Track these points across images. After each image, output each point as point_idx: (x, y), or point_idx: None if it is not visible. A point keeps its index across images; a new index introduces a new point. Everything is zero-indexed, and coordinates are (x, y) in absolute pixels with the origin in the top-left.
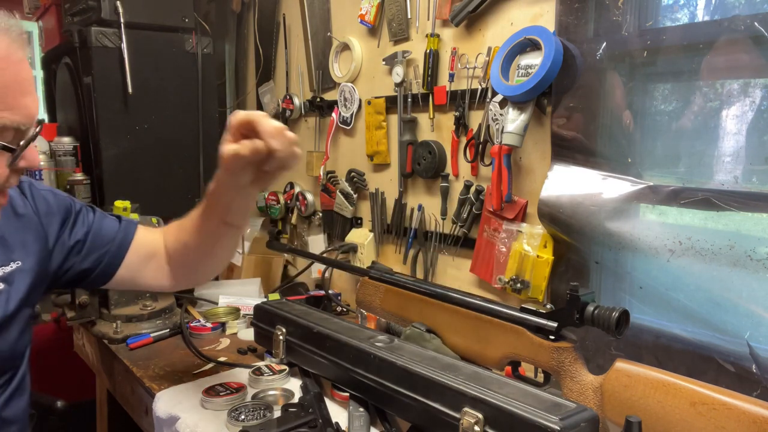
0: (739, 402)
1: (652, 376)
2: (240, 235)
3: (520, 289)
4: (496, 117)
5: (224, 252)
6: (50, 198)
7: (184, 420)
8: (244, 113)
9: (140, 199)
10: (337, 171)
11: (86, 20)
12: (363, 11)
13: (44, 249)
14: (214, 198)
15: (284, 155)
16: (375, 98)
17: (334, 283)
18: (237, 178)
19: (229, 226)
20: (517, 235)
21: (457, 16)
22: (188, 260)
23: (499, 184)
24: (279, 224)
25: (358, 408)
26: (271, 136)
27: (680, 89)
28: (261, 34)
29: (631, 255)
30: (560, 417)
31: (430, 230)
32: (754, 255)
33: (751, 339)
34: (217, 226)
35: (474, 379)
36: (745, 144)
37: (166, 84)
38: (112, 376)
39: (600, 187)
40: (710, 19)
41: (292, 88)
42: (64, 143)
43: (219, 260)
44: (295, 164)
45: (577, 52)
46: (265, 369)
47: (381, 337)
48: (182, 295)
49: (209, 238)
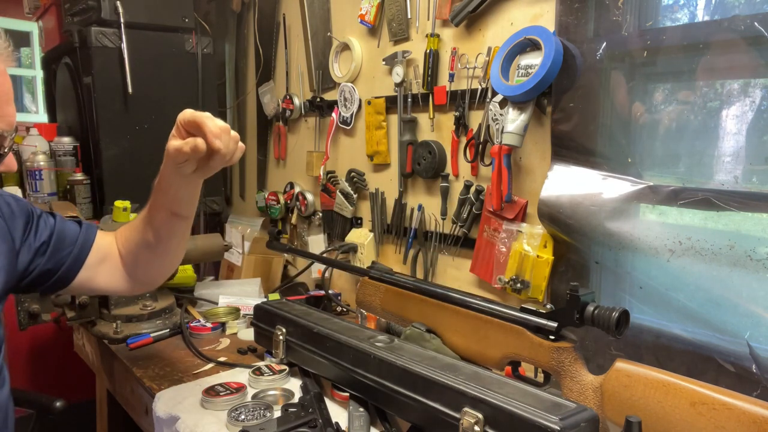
0: (739, 402)
1: (652, 376)
2: (189, 226)
3: (520, 289)
4: (496, 117)
5: (176, 246)
6: (12, 202)
7: (184, 420)
8: (191, 112)
9: (140, 199)
10: (337, 171)
11: (86, 20)
12: (363, 11)
13: (12, 250)
14: (161, 190)
15: (227, 152)
16: (375, 98)
17: (334, 283)
18: (180, 169)
19: (178, 217)
20: (517, 235)
21: (457, 16)
22: (141, 259)
23: (499, 184)
24: (279, 224)
25: (358, 408)
26: (215, 136)
27: (680, 89)
28: (261, 34)
29: (631, 255)
30: (560, 417)
31: (430, 230)
32: (754, 255)
33: (751, 339)
34: (166, 219)
35: (474, 379)
36: (745, 144)
37: (166, 84)
38: (112, 376)
39: (600, 187)
40: (710, 19)
41: (292, 88)
42: (64, 143)
43: (172, 256)
44: (238, 158)
45: (577, 52)
46: (265, 369)
47: (381, 337)
48: (182, 295)
49: (159, 232)
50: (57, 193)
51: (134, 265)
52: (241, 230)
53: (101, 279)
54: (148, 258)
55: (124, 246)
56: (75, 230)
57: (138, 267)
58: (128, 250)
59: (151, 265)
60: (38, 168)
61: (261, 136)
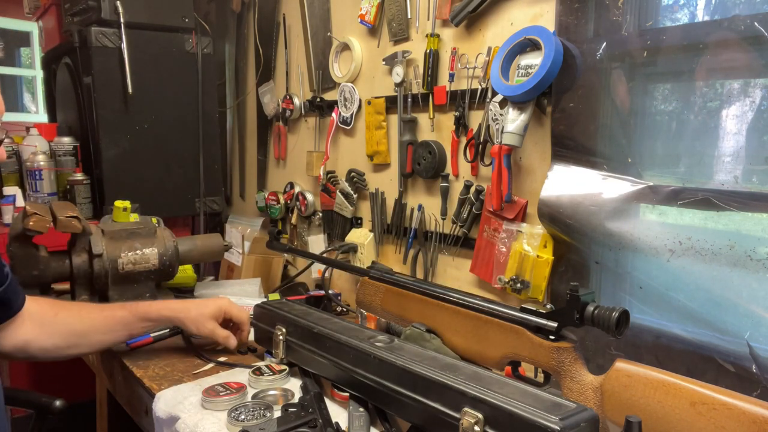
0: (739, 402)
1: (652, 376)
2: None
3: (520, 289)
4: (496, 117)
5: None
6: None
7: (184, 420)
8: (240, 312)
9: (140, 199)
10: (337, 171)
11: (86, 20)
12: (363, 11)
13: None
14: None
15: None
16: (375, 98)
17: (334, 283)
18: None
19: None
20: (517, 235)
21: (457, 16)
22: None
23: (499, 184)
24: (279, 224)
25: (358, 408)
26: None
27: (680, 89)
28: (261, 34)
29: (631, 255)
30: (560, 417)
31: (430, 230)
32: (754, 255)
33: (751, 339)
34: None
35: (474, 379)
36: (745, 144)
37: (166, 84)
38: (112, 376)
39: (600, 187)
40: (710, 19)
41: (292, 88)
42: (64, 143)
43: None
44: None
45: (577, 52)
46: (265, 369)
47: (381, 337)
48: (182, 295)
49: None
50: (57, 193)
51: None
52: (241, 230)
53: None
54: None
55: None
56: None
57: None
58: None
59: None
60: (38, 168)
61: (261, 136)
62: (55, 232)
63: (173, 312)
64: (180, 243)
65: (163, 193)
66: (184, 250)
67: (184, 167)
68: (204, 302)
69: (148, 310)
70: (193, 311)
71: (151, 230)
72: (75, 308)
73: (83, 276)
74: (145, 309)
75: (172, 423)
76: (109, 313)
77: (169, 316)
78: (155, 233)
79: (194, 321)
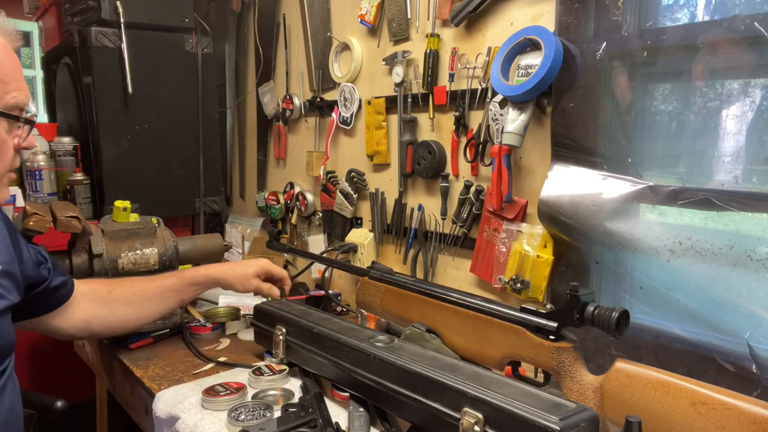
0: (739, 402)
1: (652, 376)
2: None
3: (520, 289)
4: (496, 117)
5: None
6: (5, 217)
7: (184, 420)
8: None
9: (140, 199)
10: (337, 171)
11: (86, 20)
12: (363, 11)
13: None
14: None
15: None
16: (375, 98)
17: (334, 283)
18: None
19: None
20: (517, 235)
21: (457, 16)
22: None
23: (499, 184)
24: (279, 224)
25: (358, 408)
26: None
27: (680, 89)
28: (261, 34)
29: (631, 255)
30: (560, 417)
31: (430, 230)
32: (754, 255)
33: (751, 339)
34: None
35: (474, 379)
36: (745, 144)
37: (166, 84)
38: (112, 376)
39: (600, 187)
40: (710, 19)
41: (292, 88)
42: (64, 143)
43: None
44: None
45: (577, 52)
46: (265, 369)
47: (381, 337)
48: None
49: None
50: (57, 193)
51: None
52: (241, 230)
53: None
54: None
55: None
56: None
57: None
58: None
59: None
60: (38, 168)
61: (261, 136)
62: (55, 232)
63: (219, 273)
64: (180, 243)
65: (163, 193)
66: (184, 250)
67: (184, 167)
68: (247, 263)
69: (194, 275)
70: (238, 271)
71: (151, 230)
72: (127, 284)
73: (83, 276)
74: (191, 274)
75: (172, 423)
76: (160, 283)
77: (215, 278)
78: (155, 233)
79: (239, 280)
